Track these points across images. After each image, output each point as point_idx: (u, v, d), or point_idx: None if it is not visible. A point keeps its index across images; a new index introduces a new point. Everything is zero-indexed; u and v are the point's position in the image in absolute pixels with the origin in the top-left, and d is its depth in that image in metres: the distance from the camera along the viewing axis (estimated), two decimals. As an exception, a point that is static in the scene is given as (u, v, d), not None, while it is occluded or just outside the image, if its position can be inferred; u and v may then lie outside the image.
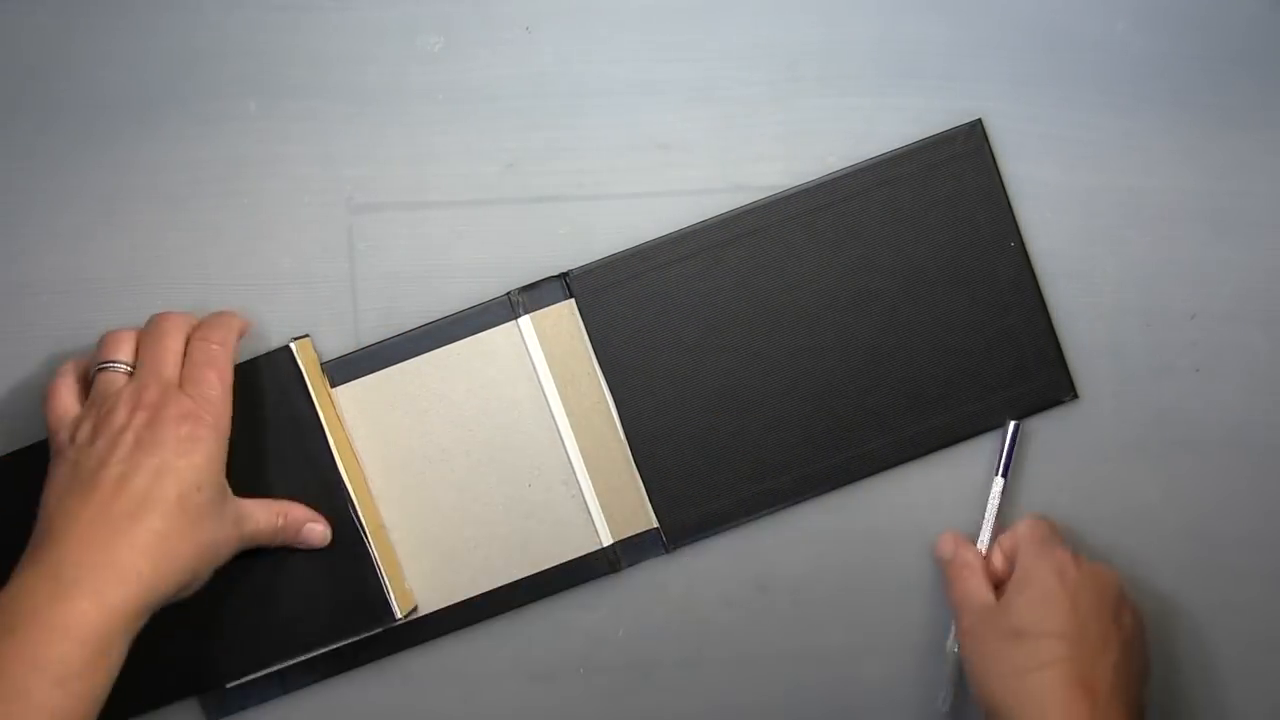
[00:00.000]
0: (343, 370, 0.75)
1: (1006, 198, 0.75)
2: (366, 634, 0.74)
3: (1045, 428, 0.76)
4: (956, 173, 0.75)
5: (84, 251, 0.77)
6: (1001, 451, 0.75)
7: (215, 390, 0.69)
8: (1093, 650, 0.67)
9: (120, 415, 0.67)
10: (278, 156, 0.77)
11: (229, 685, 0.75)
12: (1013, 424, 0.75)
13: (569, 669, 0.77)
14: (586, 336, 0.75)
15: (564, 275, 0.75)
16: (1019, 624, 0.68)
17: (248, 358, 0.74)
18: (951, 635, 0.75)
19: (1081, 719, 0.65)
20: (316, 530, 0.73)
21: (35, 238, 0.77)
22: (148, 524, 0.64)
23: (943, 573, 0.74)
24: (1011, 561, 0.73)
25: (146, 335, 0.71)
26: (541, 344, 0.75)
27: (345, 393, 0.75)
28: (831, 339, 0.75)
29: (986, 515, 0.75)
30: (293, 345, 0.74)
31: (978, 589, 0.72)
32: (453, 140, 0.77)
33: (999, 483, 0.75)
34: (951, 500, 0.76)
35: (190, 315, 0.72)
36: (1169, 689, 0.76)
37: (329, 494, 0.73)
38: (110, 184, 0.77)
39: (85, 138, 0.77)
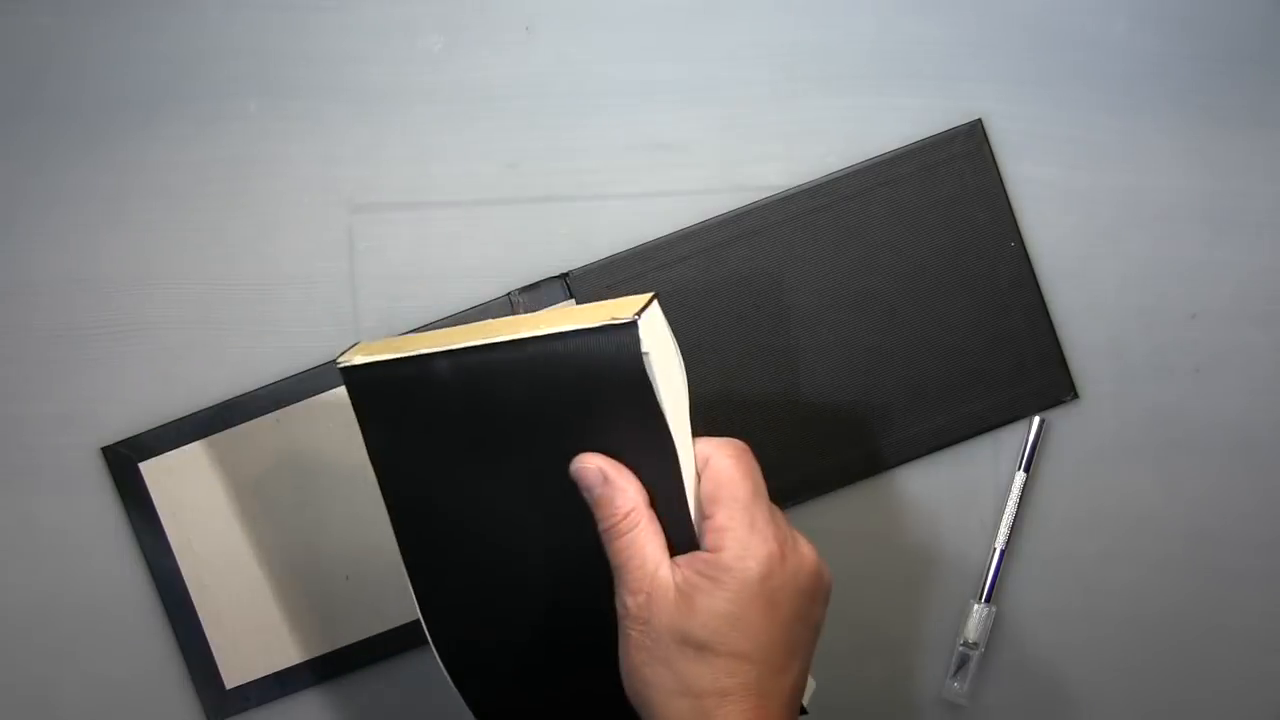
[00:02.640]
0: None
1: (1006, 198, 0.75)
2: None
3: (1045, 427, 0.76)
4: (956, 173, 0.75)
5: (84, 251, 0.77)
6: (1024, 447, 0.76)
7: None
8: (778, 669, 0.57)
9: None
10: (278, 156, 0.77)
11: (229, 687, 0.75)
12: (1037, 419, 0.76)
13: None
14: (587, 336, 0.75)
15: (564, 276, 0.75)
16: (704, 636, 0.56)
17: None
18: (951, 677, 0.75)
19: None
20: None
21: (36, 238, 0.77)
22: None
23: (595, 511, 0.58)
24: (705, 513, 0.58)
25: None
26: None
27: (343, 394, 0.75)
28: (832, 339, 0.75)
29: (1006, 511, 0.75)
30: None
31: (650, 551, 0.58)
32: (453, 140, 0.77)
33: (1020, 478, 0.75)
34: (953, 500, 0.76)
35: None
36: (1169, 689, 0.76)
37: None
38: (111, 184, 0.77)
39: (85, 138, 0.76)
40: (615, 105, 0.77)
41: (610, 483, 0.58)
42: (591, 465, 0.58)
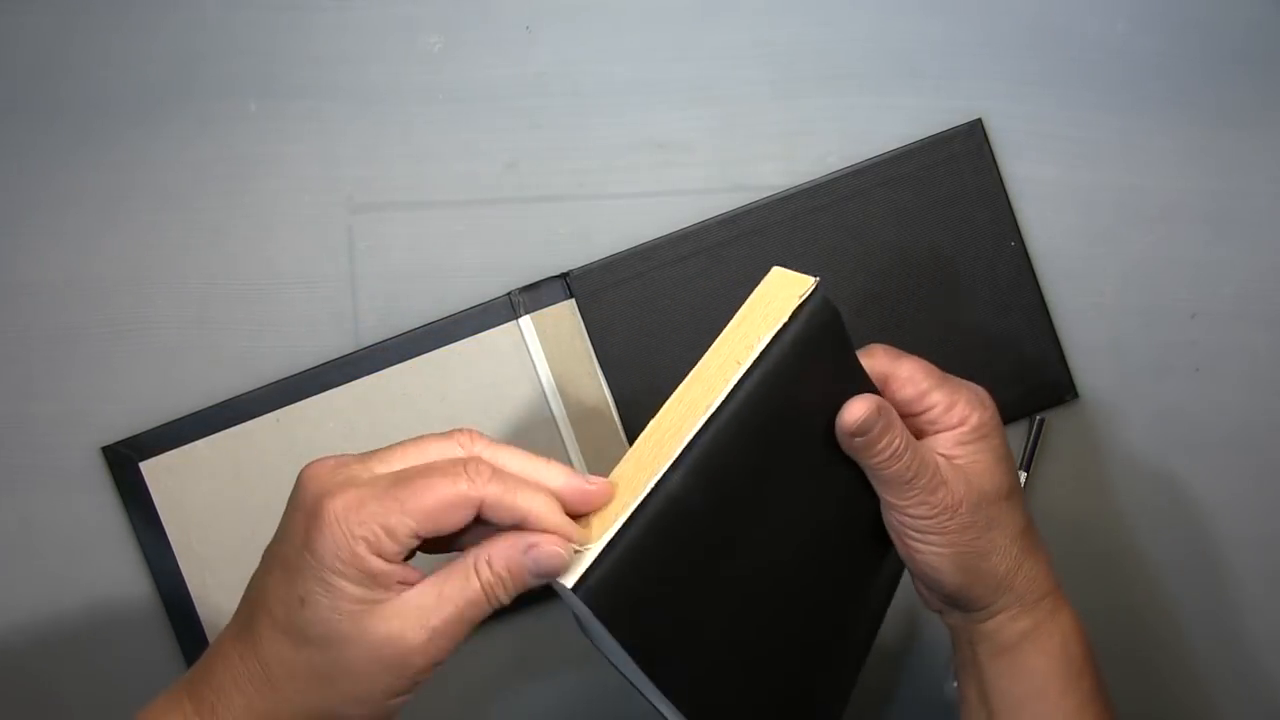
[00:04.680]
0: (343, 370, 0.75)
1: (1007, 197, 0.75)
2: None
3: (1045, 427, 0.76)
4: (956, 173, 0.75)
5: (84, 251, 0.77)
6: (1025, 446, 0.76)
7: None
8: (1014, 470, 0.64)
9: None
10: (278, 156, 0.77)
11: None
12: (1038, 418, 0.76)
13: (569, 669, 0.77)
14: (587, 336, 0.75)
15: (564, 275, 0.75)
16: (1009, 483, 0.61)
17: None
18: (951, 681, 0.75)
19: (1054, 575, 0.63)
20: (547, 551, 0.53)
21: (35, 238, 0.77)
22: None
23: (873, 446, 0.59)
24: (910, 405, 0.62)
25: None
26: (542, 344, 0.75)
27: (343, 394, 0.75)
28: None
29: None
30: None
31: (933, 459, 0.61)
32: (453, 140, 0.77)
33: (1021, 476, 0.75)
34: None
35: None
36: (1169, 689, 0.76)
37: None
38: (111, 184, 0.77)
39: (85, 138, 0.77)
40: (615, 105, 0.77)
41: (885, 411, 0.59)
42: (861, 406, 0.59)
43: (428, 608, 0.51)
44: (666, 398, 0.56)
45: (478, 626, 0.52)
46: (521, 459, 0.53)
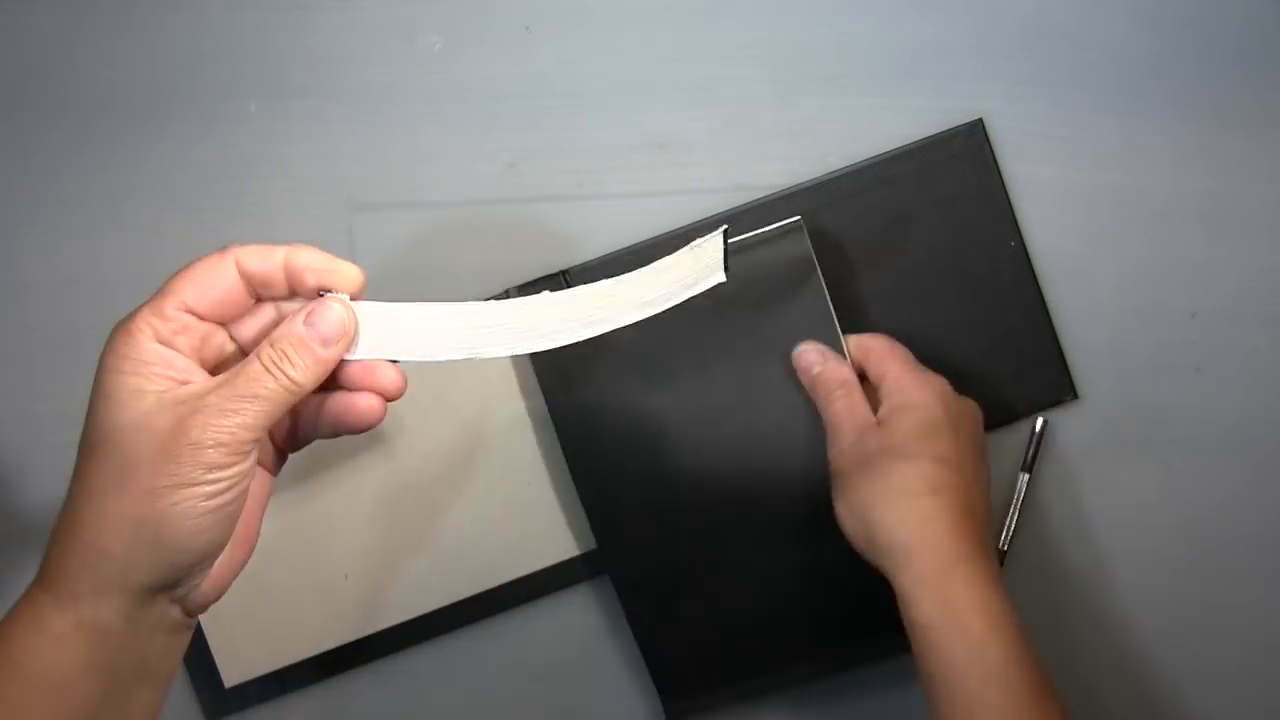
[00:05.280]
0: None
1: (1007, 197, 0.75)
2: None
3: (1046, 427, 0.76)
4: (957, 173, 0.75)
5: (85, 251, 0.77)
6: (1026, 447, 0.76)
7: None
8: (971, 480, 0.66)
9: None
10: (278, 156, 0.77)
11: (228, 686, 0.75)
12: (1040, 419, 0.76)
13: (569, 669, 0.77)
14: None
15: (563, 273, 0.75)
16: (906, 446, 0.66)
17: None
18: None
19: (972, 542, 0.63)
20: (324, 308, 0.54)
21: (36, 238, 0.77)
22: None
23: (811, 387, 0.72)
24: (875, 381, 0.71)
25: None
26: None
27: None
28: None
29: (1011, 510, 0.75)
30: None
31: (859, 406, 0.70)
32: (453, 140, 0.77)
33: (1024, 478, 0.75)
34: (951, 500, 0.76)
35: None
36: (1169, 690, 0.76)
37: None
38: (111, 184, 0.77)
39: (86, 138, 0.77)
40: (615, 105, 0.77)
41: (829, 358, 0.71)
42: (810, 348, 0.71)
43: (209, 395, 0.50)
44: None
45: (274, 418, 0.52)
46: (274, 247, 0.54)
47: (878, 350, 0.71)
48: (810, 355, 0.72)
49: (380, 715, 0.77)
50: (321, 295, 0.54)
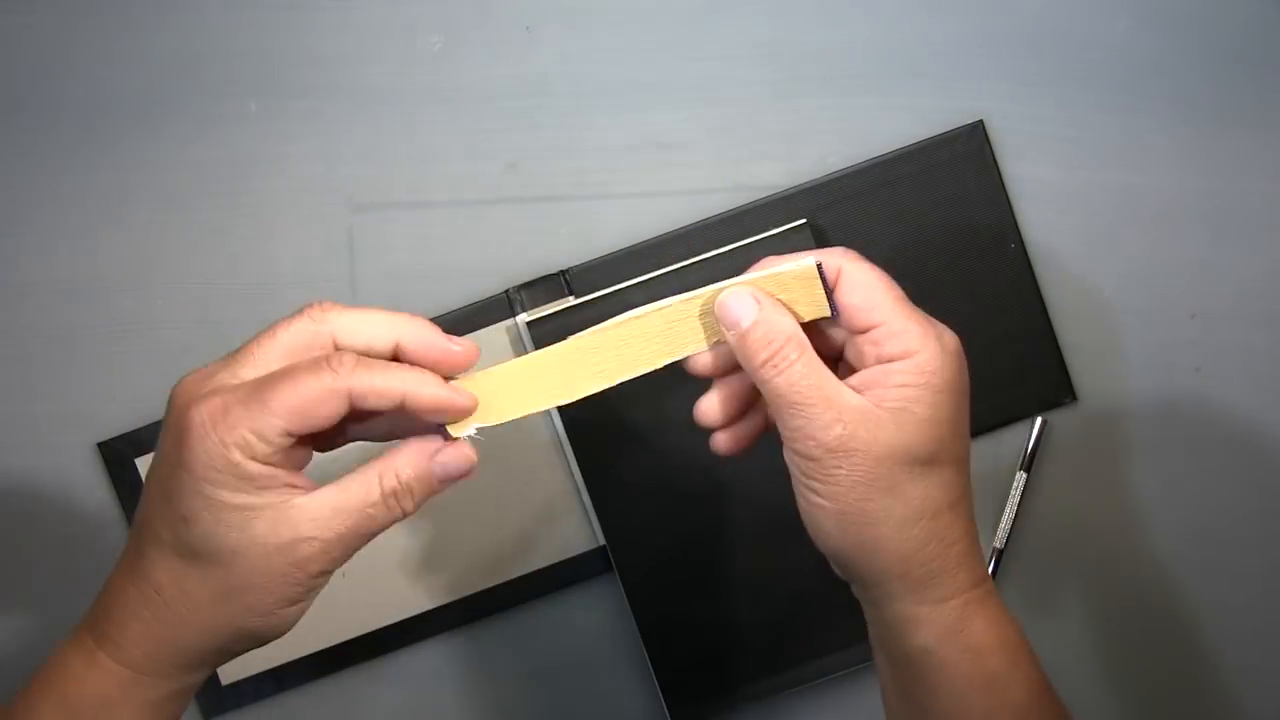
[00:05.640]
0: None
1: (1007, 198, 0.75)
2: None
3: (1045, 428, 0.76)
4: (957, 174, 0.75)
5: (84, 251, 0.77)
6: (1025, 447, 0.75)
7: None
8: (968, 460, 0.54)
9: None
10: (278, 156, 0.77)
11: (225, 683, 0.75)
12: (1039, 419, 0.75)
13: (569, 669, 0.77)
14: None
15: (564, 272, 0.75)
16: (932, 448, 0.51)
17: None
18: None
19: (979, 560, 0.53)
20: (454, 455, 0.53)
21: (35, 238, 0.77)
22: None
23: (742, 349, 0.53)
24: (854, 324, 0.53)
25: None
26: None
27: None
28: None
29: (1007, 509, 0.75)
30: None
31: (826, 376, 0.52)
32: (453, 140, 0.77)
33: (1021, 477, 0.75)
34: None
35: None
36: (1168, 689, 0.76)
37: None
38: (111, 184, 0.77)
39: (86, 138, 0.77)
40: (615, 105, 0.77)
41: (765, 307, 0.52)
42: (741, 292, 0.53)
43: (322, 517, 0.50)
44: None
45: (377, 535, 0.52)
46: (376, 315, 0.52)
47: (865, 281, 0.53)
48: (738, 304, 0.53)
49: (378, 714, 0.77)
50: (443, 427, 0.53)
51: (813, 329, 0.54)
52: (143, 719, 0.52)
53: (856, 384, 0.52)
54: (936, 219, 0.75)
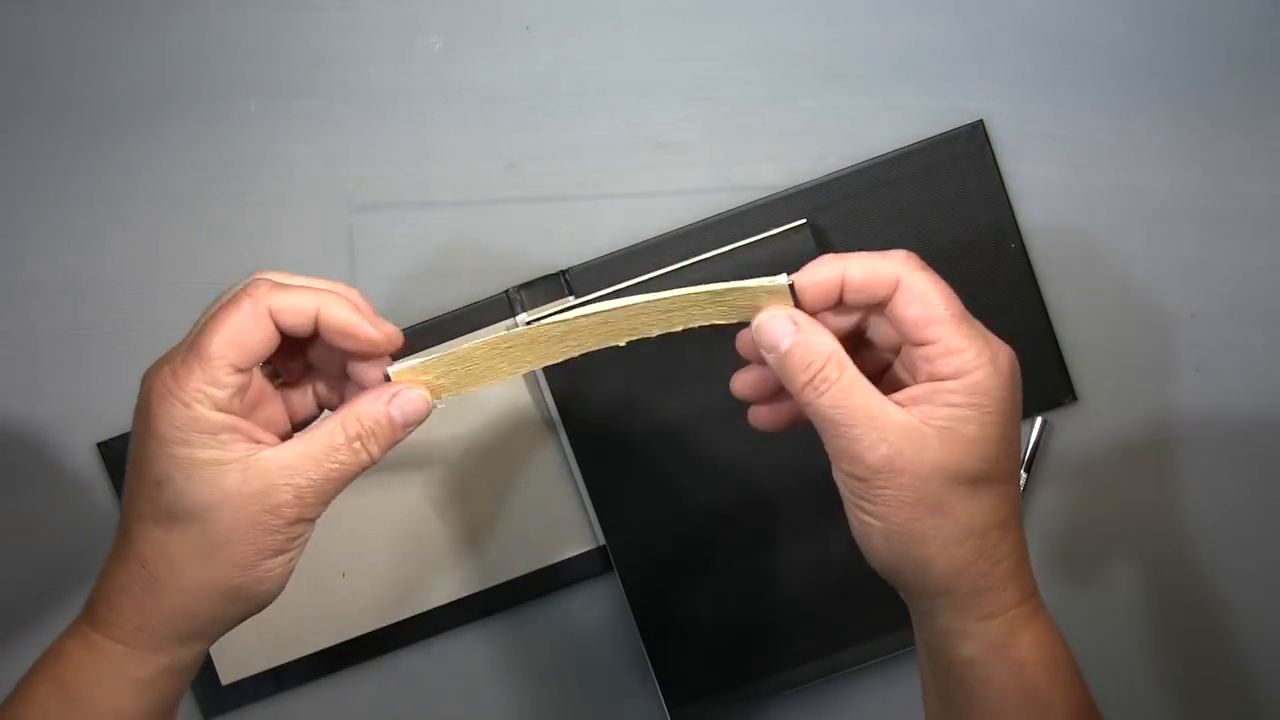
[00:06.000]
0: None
1: (1007, 198, 0.75)
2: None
3: (1046, 428, 0.76)
4: (957, 173, 0.75)
5: (86, 251, 0.77)
6: (1025, 447, 0.75)
7: None
8: (1018, 484, 0.54)
9: None
10: (279, 156, 0.77)
11: (225, 683, 0.75)
12: (1039, 420, 0.75)
13: (569, 669, 0.77)
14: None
15: (564, 272, 0.75)
16: (982, 467, 0.51)
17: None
18: None
19: (1029, 574, 0.53)
20: (409, 397, 0.54)
21: (37, 237, 0.77)
22: None
23: (783, 368, 0.53)
24: (910, 337, 0.52)
25: None
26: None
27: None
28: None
29: None
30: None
31: (871, 393, 0.51)
32: (453, 140, 0.77)
33: (1021, 477, 0.75)
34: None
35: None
36: (1168, 689, 0.76)
37: None
38: (111, 184, 0.77)
39: (87, 138, 0.77)
40: (615, 105, 0.77)
41: (804, 328, 0.52)
42: (778, 314, 0.53)
43: (291, 465, 0.52)
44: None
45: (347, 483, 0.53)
46: (302, 295, 0.53)
47: (923, 294, 0.52)
48: (776, 325, 0.53)
49: (378, 714, 0.77)
50: (392, 359, 0.55)
51: (859, 342, 0.55)
52: (137, 695, 0.52)
53: (905, 399, 0.52)
54: (936, 219, 0.75)
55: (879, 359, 0.56)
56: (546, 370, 0.73)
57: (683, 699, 0.75)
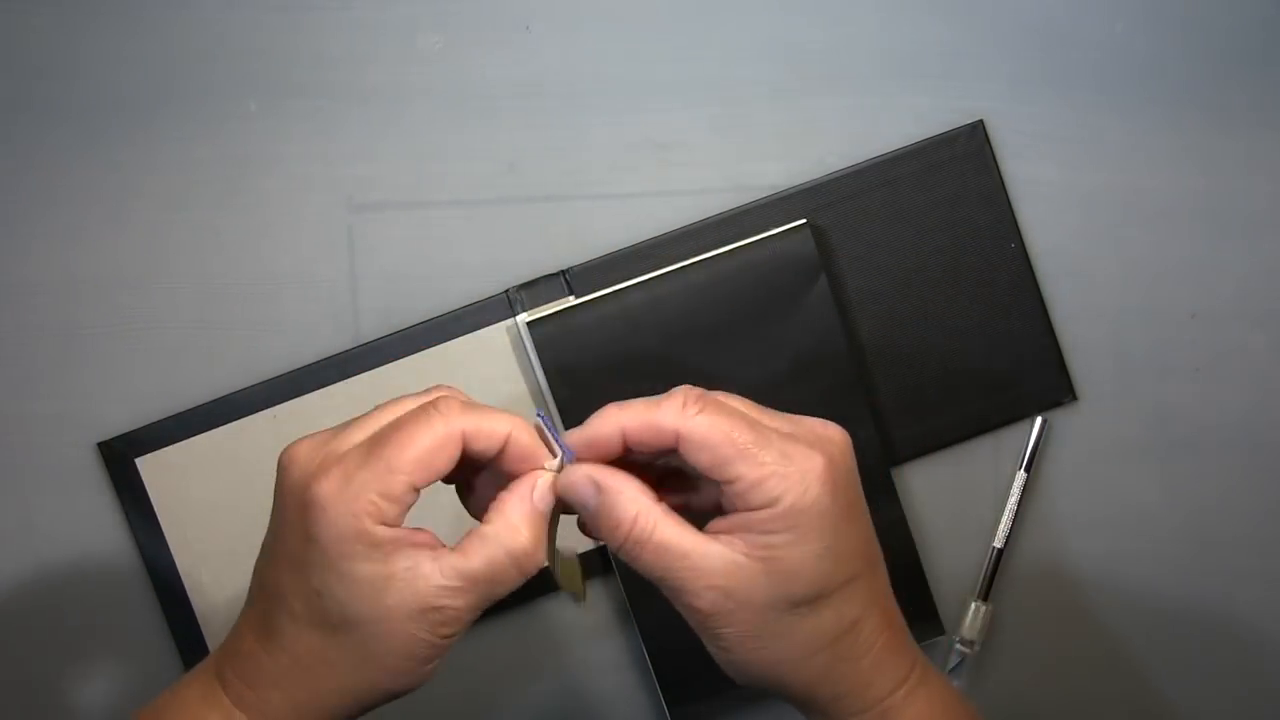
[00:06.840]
0: (340, 367, 0.75)
1: (1007, 198, 0.75)
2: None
3: (1045, 428, 0.76)
4: (957, 173, 0.75)
5: (84, 251, 0.77)
6: (1025, 447, 0.75)
7: None
8: (874, 561, 0.53)
9: None
10: (278, 156, 0.77)
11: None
12: (1039, 419, 0.75)
13: (569, 669, 0.77)
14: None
15: (564, 272, 0.75)
16: (814, 589, 0.50)
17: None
18: None
19: (905, 652, 0.53)
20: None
21: (36, 238, 0.77)
22: None
23: (598, 529, 0.52)
24: (714, 475, 0.50)
25: None
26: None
27: (340, 391, 0.75)
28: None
29: (1007, 510, 0.75)
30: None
31: (698, 550, 0.50)
32: (453, 140, 0.77)
33: (1021, 477, 0.75)
34: (952, 499, 0.76)
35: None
36: (1168, 690, 0.76)
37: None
38: (110, 184, 0.77)
39: (84, 137, 0.77)
40: (615, 105, 0.77)
41: (605, 490, 0.52)
42: (577, 475, 0.52)
43: (451, 586, 0.50)
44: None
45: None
46: (497, 417, 0.53)
47: (704, 436, 0.50)
48: (578, 491, 0.52)
49: (377, 713, 0.76)
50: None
51: (682, 479, 0.55)
52: None
53: (728, 527, 0.51)
54: (936, 219, 0.75)
55: (709, 497, 0.55)
56: (546, 371, 0.73)
57: (683, 699, 0.75)
